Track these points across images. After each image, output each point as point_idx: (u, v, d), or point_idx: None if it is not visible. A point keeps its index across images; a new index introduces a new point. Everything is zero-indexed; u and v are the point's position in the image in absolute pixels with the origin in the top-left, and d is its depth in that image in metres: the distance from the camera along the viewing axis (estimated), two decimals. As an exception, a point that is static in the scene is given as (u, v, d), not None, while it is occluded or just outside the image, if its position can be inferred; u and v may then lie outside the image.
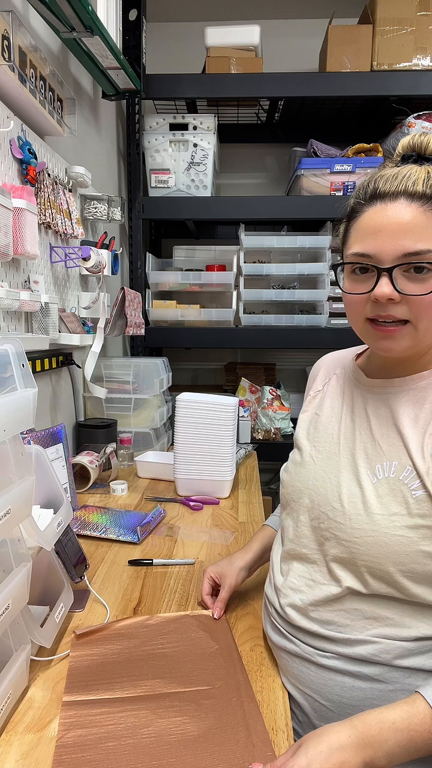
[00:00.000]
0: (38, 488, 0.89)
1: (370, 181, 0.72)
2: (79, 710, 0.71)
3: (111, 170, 2.23)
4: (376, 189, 0.70)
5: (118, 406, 1.90)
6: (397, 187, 0.68)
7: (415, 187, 0.67)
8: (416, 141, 0.72)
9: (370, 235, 0.69)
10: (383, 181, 0.70)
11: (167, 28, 2.62)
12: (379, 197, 0.69)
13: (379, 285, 0.68)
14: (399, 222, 0.67)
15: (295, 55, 2.58)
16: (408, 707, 0.62)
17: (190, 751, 0.65)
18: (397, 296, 0.67)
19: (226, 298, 2.44)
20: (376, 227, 0.68)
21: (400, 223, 0.67)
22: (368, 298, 0.71)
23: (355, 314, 0.74)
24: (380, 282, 0.68)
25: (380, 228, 0.68)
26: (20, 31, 1.20)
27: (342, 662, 0.73)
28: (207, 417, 1.50)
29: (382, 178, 0.70)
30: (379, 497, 0.72)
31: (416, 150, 0.73)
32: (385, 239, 0.67)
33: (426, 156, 0.72)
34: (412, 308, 0.68)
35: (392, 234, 0.67)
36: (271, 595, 0.85)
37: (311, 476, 0.81)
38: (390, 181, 0.69)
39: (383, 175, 0.71)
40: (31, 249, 1.24)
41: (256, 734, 0.67)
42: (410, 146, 0.73)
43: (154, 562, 1.13)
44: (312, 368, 0.99)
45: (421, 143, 0.72)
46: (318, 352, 1.02)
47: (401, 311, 0.69)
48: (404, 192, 0.67)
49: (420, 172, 0.68)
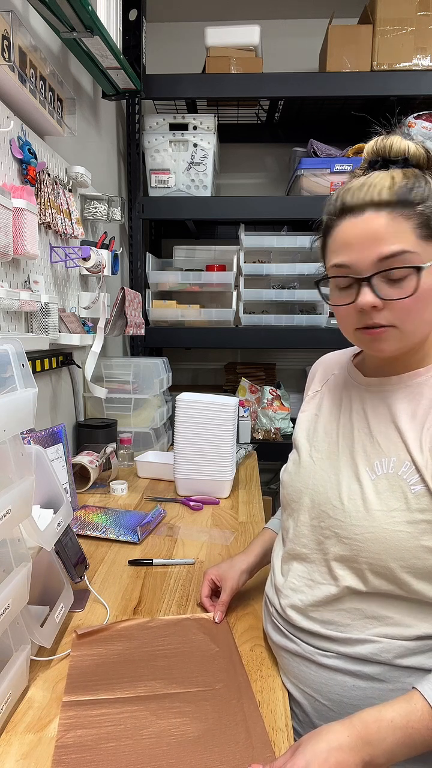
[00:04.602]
0: (38, 488, 0.89)
1: (338, 196, 0.73)
2: (79, 711, 0.71)
3: (111, 170, 2.23)
4: (344, 204, 0.71)
5: (118, 406, 1.90)
6: (362, 200, 0.69)
7: (380, 196, 0.68)
8: (379, 145, 0.72)
9: (345, 248, 0.70)
10: (350, 195, 0.70)
11: (167, 28, 2.62)
12: (348, 212, 0.70)
13: (360, 295, 0.69)
14: (369, 233, 0.68)
15: (295, 55, 2.58)
16: (406, 704, 0.62)
17: (190, 752, 0.65)
18: (380, 303, 0.69)
19: (226, 298, 2.44)
20: (348, 241, 0.70)
21: (371, 234, 0.68)
22: (354, 309, 0.72)
23: (344, 325, 0.76)
24: (361, 291, 0.69)
25: (353, 241, 0.69)
26: (20, 31, 1.20)
27: (342, 662, 0.73)
28: (207, 417, 1.50)
29: (349, 192, 0.71)
30: (378, 493, 0.72)
31: (380, 155, 0.72)
32: (360, 250, 0.69)
33: (391, 159, 0.72)
34: (395, 313, 0.69)
35: (365, 245, 0.68)
36: (272, 596, 0.85)
37: (311, 476, 0.82)
38: (356, 194, 0.70)
39: (350, 188, 0.71)
40: (31, 249, 1.24)
41: (256, 735, 0.67)
42: (374, 151, 0.73)
43: (154, 562, 1.13)
44: (310, 369, 0.99)
45: (384, 147, 0.71)
46: (318, 352, 1.02)
47: (385, 317, 0.70)
48: (370, 203, 0.68)
49: (384, 180, 0.69)
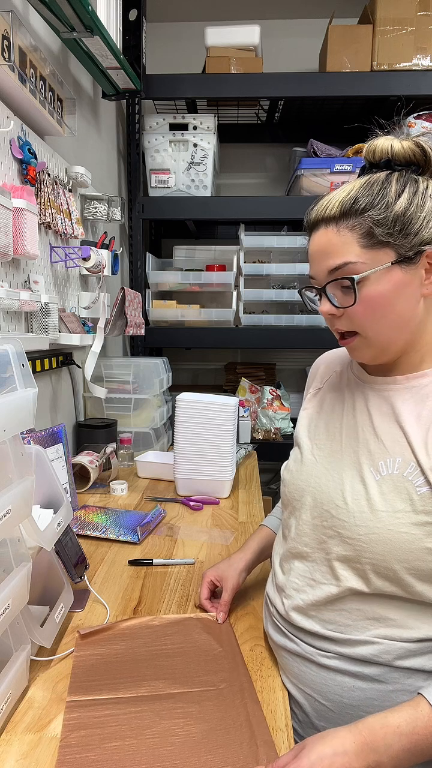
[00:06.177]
0: (38, 488, 0.89)
1: (308, 212, 0.79)
2: (83, 711, 0.71)
3: (111, 170, 2.23)
4: (307, 221, 0.78)
5: (118, 406, 1.90)
6: (316, 217, 0.76)
7: (327, 212, 0.74)
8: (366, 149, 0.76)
9: (310, 261, 0.78)
10: (310, 213, 0.77)
11: (167, 28, 2.62)
12: (309, 228, 0.78)
13: (321, 303, 0.77)
14: (321, 247, 0.75)
15: (295, 55, 2.58)
16: (412, 710, 0.62)
17: (194, 752, 0.65)
18: (335, 310, 0.75)
19: (226, 298, 2.44)
20: (311, 254, 0.77)
21: (322, 248, 0.74)
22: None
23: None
24: (322, 301, 0.77)
25: (313, 255, 0.77)
26: (20, 31, 1.20)
27: (342, 662, 0.73)
28: (207, 417, 1.50)
29: (312, 210, 0.77)
30: (383, 494, 0.72)
31: (367, 159, 0.76)
32: (317, 263, 0.76)
33: (375, 163, 0.75)
34: (351, 319, 0.74)
35: (319, 259, 0.75)
36: (273, 596, 0.85)
37: (313, 474, 0.81)
38: (314, 212, 0.76)
39: (315, 204, 0.77)
40: (31, 249, 1.24)
41: (260, 736, 0.67)
42: (364, 155, 0.77)
43: (154, 562, 1.13)
44: (311, 366, 0.99)
45: (368, 150, 0.75)
46: (318, 352, 1.02)
47: (344, 323, 0.76)
48: (322, 219, 0.74)
49: (343, 191, 0.74)
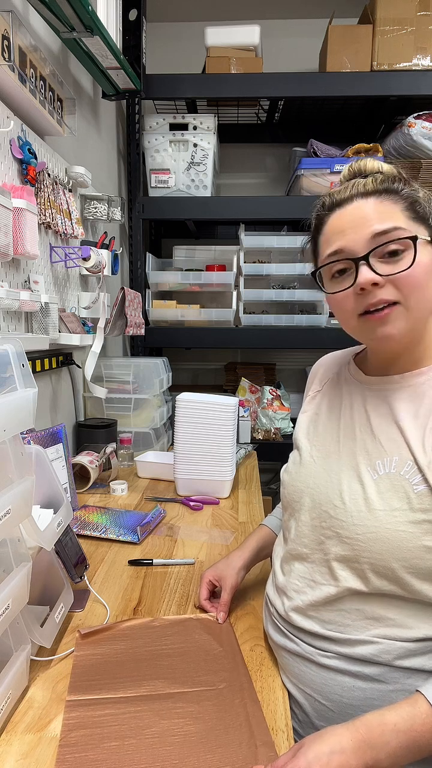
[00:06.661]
0: (38, 488, 0.89)
1: (325, 198, 0.79)
2: (83, 710, 0.71)
3: (111, 170, 2.23)
4: (333, 200, 0.77)
5: (118, 406, 1.90)
6: (350, 193, 0.75)
7: (366, 187, 0.74)
8: (354, 167, 0.80)
9: (337, 235, 0.74)
10: (337, 193, 0.77)
11: (167, 28, 2.62)
12: (337, 205, 0.76)
13: (360, 274, 0.71)
14: (360, 216, 0.72)
15: (295, 55, 2.58)
16: (410, 708, 0.62)
17: (193, 751, 0.65)
18: (380, 279, 0.70)
19: (226, 298, 2.44)
20: (341, 227, 0.74)
21: (362, 216, 0.72)
22: (354, 294, 0.73)
23: (345, 314, 0.76)
24: (360, 271, 0.71)
25: (345, 226, 0.74)
26: (20, 31, 1.20)
27: (342, 662, 0.73)
28: (207, 417, 1.50)
29: (336, 192, 0.77)
30: (380, 493, 0.72)
31: (358, 174, 0.79)
32: (352, 233, 0.72)
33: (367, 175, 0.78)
34: (398, 287, 0.70)
35: (357, 227, 0.72)
36: (273, 596, 0.85)
37: (312, 475, 0.82)
38: (342, 192, 0.76)
39: (335, 190, 0.78)
40: (31, 249, 1.24)
41: (259, 736, 0.67)
42: (351, 172, 0.80)
43: (154, 562, 1.13)
44: (311, 369, 0.99)
45: (359, 167, 0.79)
46: (318, 352, 1.02)
47: (389, 293, 0.71)
48: (357, 194, 0.74)
49: (367, 179, 0.75)
